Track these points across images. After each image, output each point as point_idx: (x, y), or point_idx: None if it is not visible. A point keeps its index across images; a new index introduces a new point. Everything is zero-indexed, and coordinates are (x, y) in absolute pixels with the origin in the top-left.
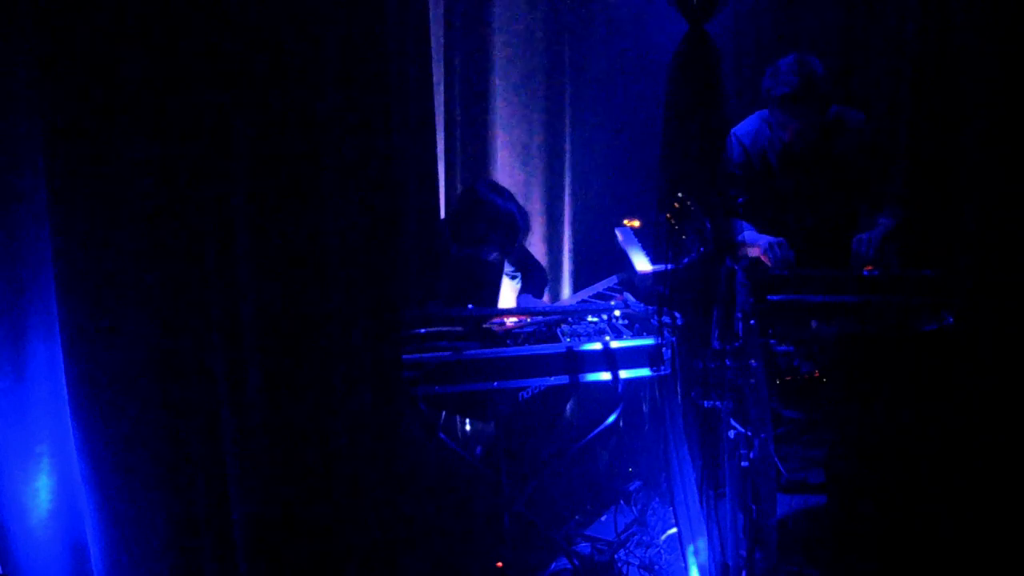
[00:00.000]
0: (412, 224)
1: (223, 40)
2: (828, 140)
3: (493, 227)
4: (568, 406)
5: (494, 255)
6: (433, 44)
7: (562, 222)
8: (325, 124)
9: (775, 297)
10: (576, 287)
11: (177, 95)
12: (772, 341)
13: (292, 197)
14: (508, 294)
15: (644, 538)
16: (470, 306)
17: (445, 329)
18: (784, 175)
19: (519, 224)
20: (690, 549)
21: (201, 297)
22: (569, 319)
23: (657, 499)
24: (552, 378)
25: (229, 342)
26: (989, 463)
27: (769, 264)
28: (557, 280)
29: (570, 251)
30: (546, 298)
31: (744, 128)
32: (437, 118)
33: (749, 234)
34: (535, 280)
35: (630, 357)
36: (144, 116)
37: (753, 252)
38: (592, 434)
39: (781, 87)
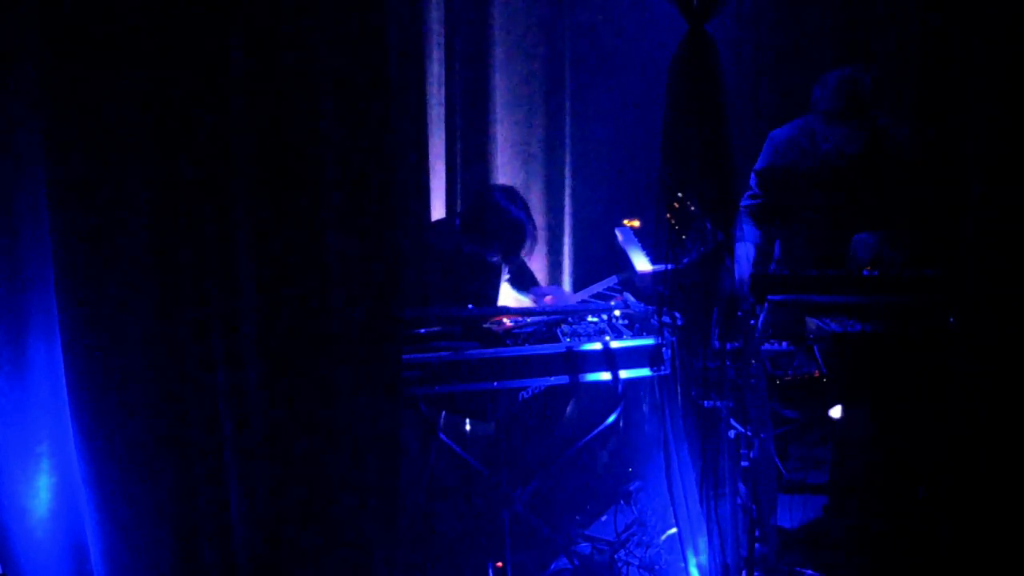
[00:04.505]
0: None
1: (223, 41)
2: (869, 156)
3: (501, 233)
4: (568, 406)
5: (496, 257)
6: (434, 44)
7: (562, 222)
8: (325, 124)
9: (775, 297)
10: (576, 287)
11: (177, 96)
12: (772, 341)
13: (292, 196)
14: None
15: (644, 538)
16: (470, 306)
17: (445, 329)
18: (818, 186)
19: (527, 232)
20: (690, 549)
21: (201, 297)
22: (569, 319)
23: (657, 499)
24: (552, 378)
25: (229, 342)
26: (989, 463)
27: None
28: (557, 280)
29: (570, 251)
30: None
31: (781, 133)
32: (437, 119)
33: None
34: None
35: (630, 357)
36: (144, 117)
37: None
38: (592, 434)
39: (826, 102)
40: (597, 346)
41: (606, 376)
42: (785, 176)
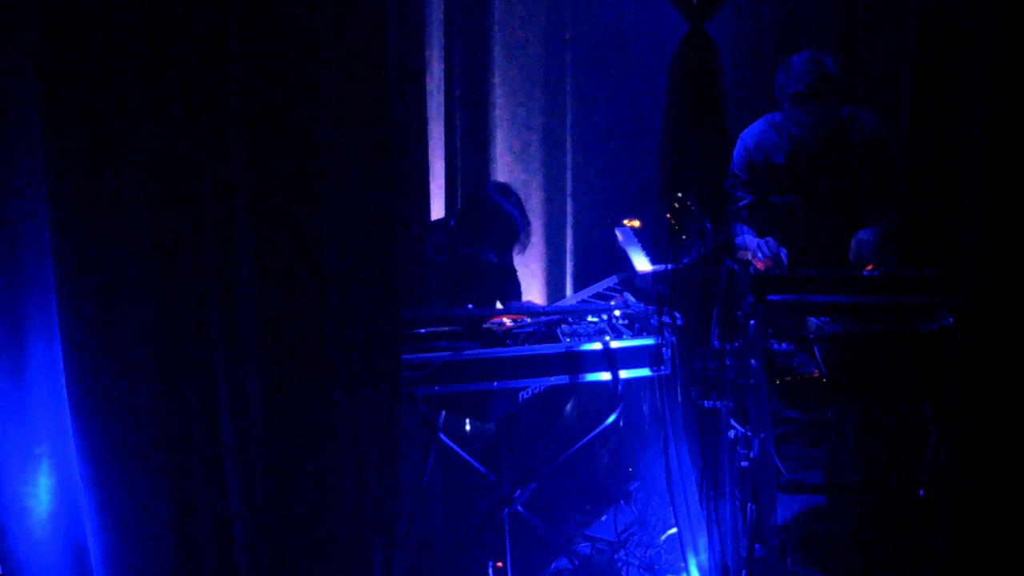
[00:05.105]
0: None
1: (222, 39)
2: (840, 139)
3: (493, 228)
4: (568, 406)
5: (491, 256)
6: (433, 44)
7: (562, 222)
8: (324, 124)
9: (775, 297)
10: (576, 287)
11: (176, 95)
12: (772, 341)
13: (292, 196)
14: None
15: (644, 538)
16: (470, 306)
17: (445, 329)
18: (793, 176)
19: (519, 229)
20: (690, 549)
21: (201, 297)
22: (569, 319)
23: (657, 499)
24: (552, 378)
25: (229, 342)
26: (989, 463)
27: (760, 264)
28: (558, 280)
29: (570, 251)
30: (545, 299)
31: (751, 131)
32: (438, 118)
33: (743, 238)
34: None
35: (630, 357)
36: (143, 116)
37: (743, 255)
38: (592, 434)
39: (794, 84)
40: (597, 346)
41: (606, 376)
42: (761, 171)
